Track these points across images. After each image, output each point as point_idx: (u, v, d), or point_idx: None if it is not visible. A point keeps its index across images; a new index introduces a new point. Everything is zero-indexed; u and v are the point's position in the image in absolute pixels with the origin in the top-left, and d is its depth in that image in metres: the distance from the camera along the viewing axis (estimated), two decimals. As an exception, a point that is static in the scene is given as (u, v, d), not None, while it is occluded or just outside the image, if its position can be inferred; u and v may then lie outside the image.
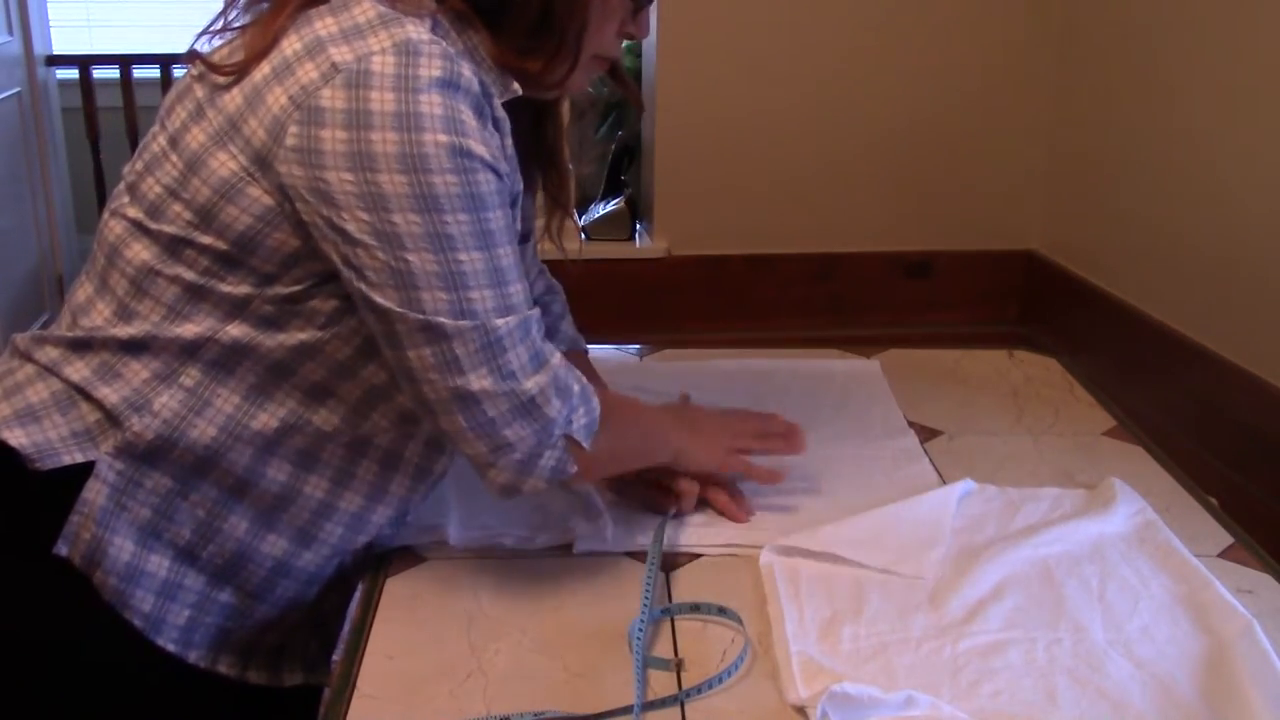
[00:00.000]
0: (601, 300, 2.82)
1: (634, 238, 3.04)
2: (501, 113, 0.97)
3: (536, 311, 0.97)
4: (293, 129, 0.90)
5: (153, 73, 3.40)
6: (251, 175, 0.92)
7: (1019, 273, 3.04)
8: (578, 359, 1.29)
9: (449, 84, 0.90)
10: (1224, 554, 1.11)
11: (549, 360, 0.97)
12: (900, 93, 2.90)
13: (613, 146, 3.31)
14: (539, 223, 1.20)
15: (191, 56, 0.99)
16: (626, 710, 0.88)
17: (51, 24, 3.60)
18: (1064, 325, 2.83)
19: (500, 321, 0.93)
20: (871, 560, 1.06)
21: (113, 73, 3.48)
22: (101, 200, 3.54)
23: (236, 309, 0.96)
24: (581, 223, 3.21)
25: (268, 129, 0.91)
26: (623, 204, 3.09)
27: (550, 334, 1.24)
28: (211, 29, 1.00)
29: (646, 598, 0.99)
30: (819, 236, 3.01)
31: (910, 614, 1.00)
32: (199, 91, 0.97)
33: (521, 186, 1.03)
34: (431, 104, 0.89)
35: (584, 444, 0.99)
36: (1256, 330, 2.08)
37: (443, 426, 0.96)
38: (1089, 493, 1.20)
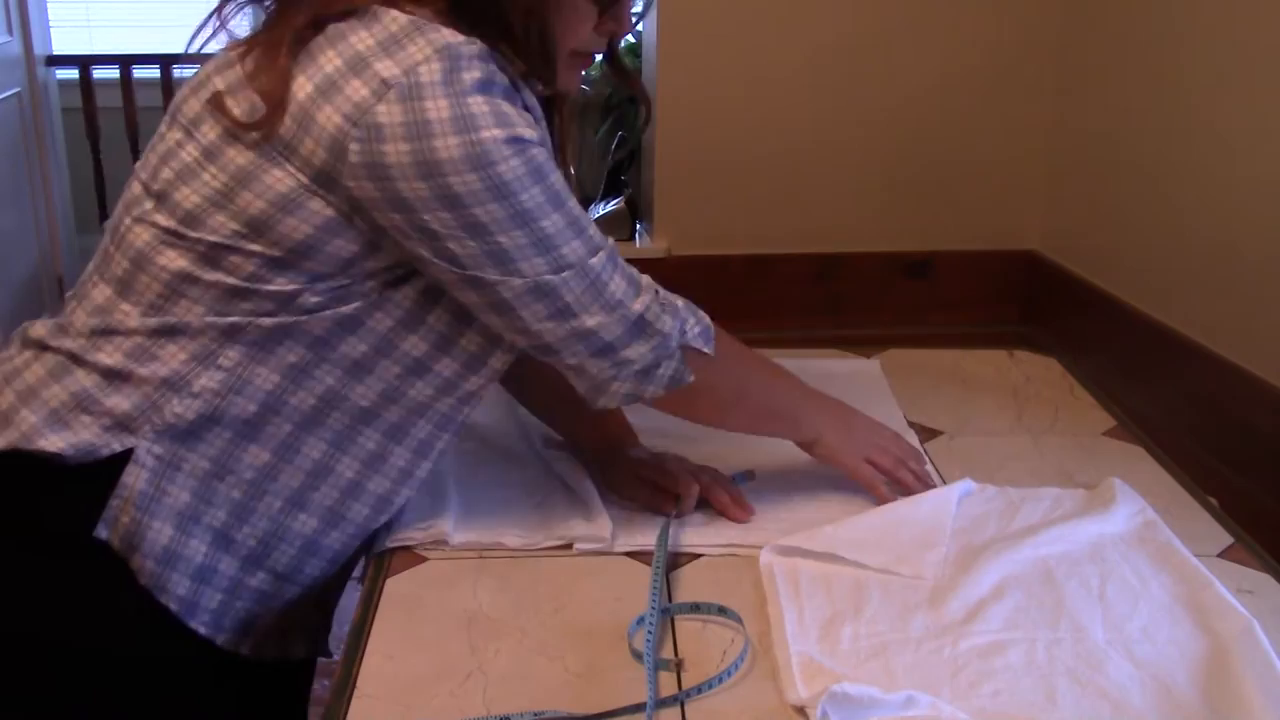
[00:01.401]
0: (601, 300, 2.81)
1: (634, 238, 3.04)
2: (533, 100, 1.01)
3: (613, 241, 1.03)
4: (354, 147, 0.92)
5: (153, 73, 3.40)
6: (313, 191, 0.95)
7: (1019, 273, 3.04)
8: None
9: (488, 84, 0.94)
10: (1224, 554, 1.11)
11: (641, 280, 1.04)
12: (901, 93, 2.90)
13: (613, 146, 3.31)
14: None
15: (214, 99, 0.97)
16: (630, 710, 0.88)
17: (51, 24, 3.60)
18: (1064, 325, 2.83)
19: (594, 260, 0.99)
20: (871, 560, 1.06)
21: (113, 73, 3.48)
22: (102, 200, 3.54)
23: (282, 305, 0.98)
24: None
25: (327, 149, 0.93)
26: (623, 204, 3.09)
27: None
28: (204, 30, 1.01)
29: (654, 600, 0.99)
30: (819, 236, 3.01)
31: (910, 614, 1.00)
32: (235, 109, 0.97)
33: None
34: (479, 104, 0.93)
35: (704, 349, 1.06)
36: (1256, 330, 2.08)
37: (566, 361, 1.03)
38: (1089, 493, 1.20)
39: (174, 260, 0.98)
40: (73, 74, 3.50)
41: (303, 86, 0.94)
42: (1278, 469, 1.95)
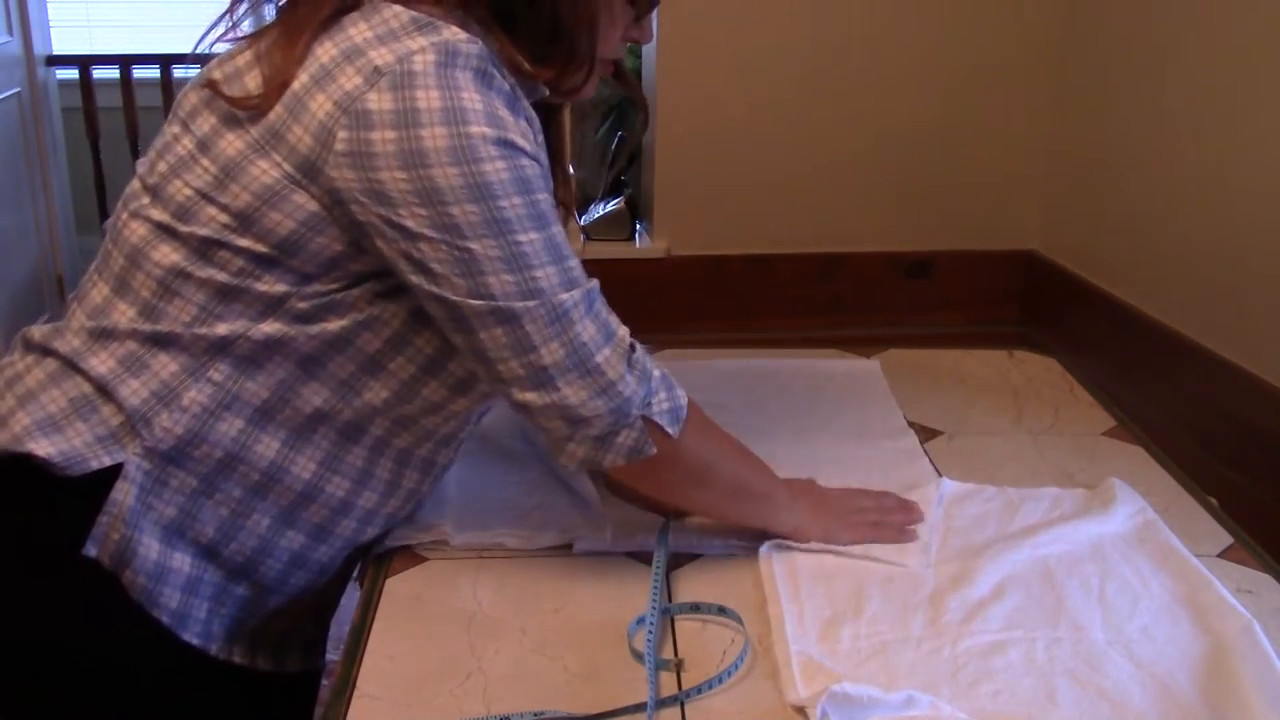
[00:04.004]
0: (601, 300, 2.80)
1: (634, 238, 3.04)
2: (531, 112, 0.99)
3: (596, 283, 0.98)
4: (341, 134, 0.91)
5: (153, 73, 3.40)
6: (297, 182, 0.93)
7: (1019, 273, 3.04)
8: None
9: (485, 82, 0.92)
10: (1224, 554, 1.11)
11: (617, 333, 0.98)
12: (900, 93, 2.90)
13: (613, 146, 3.30)
14: None
15: (209, 85, 0.98)
16: (630, 710, 0.88)
17: (51, 24, 3.60)
18: (1064, 325, 2.83)
19: (565, 295, 0.94)
20: (856, 549, 1.08)
21: (113, 73, 3.48)
22: (102, 200, 3.54)
23: (271, 307, 0.97)
24: (581, 223, 3.21)
25: (314, 135, 0.92)
26: (623, 204, 3.09)
27: None
28: (214, 31, 1.01)
29: (654, 600, 0.99)
30: (819, 236, 3.01)
31: (910, 614, 1.00)
32: None
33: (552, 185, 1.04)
34: (472, 100, 0.91)
35: (668, 430, 0.99)
36: (1256, 330, 2.08)
37: (520, 401, 0.97)
38: (1089, 493, 1.20)
39: (167, 255, 0.97)
40: (73, 74, 3.50)
41: (298, 77, 0.93)
42: (1278, 469, 1.95)
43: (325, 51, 0.93)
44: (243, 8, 1.00)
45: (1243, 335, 2.11)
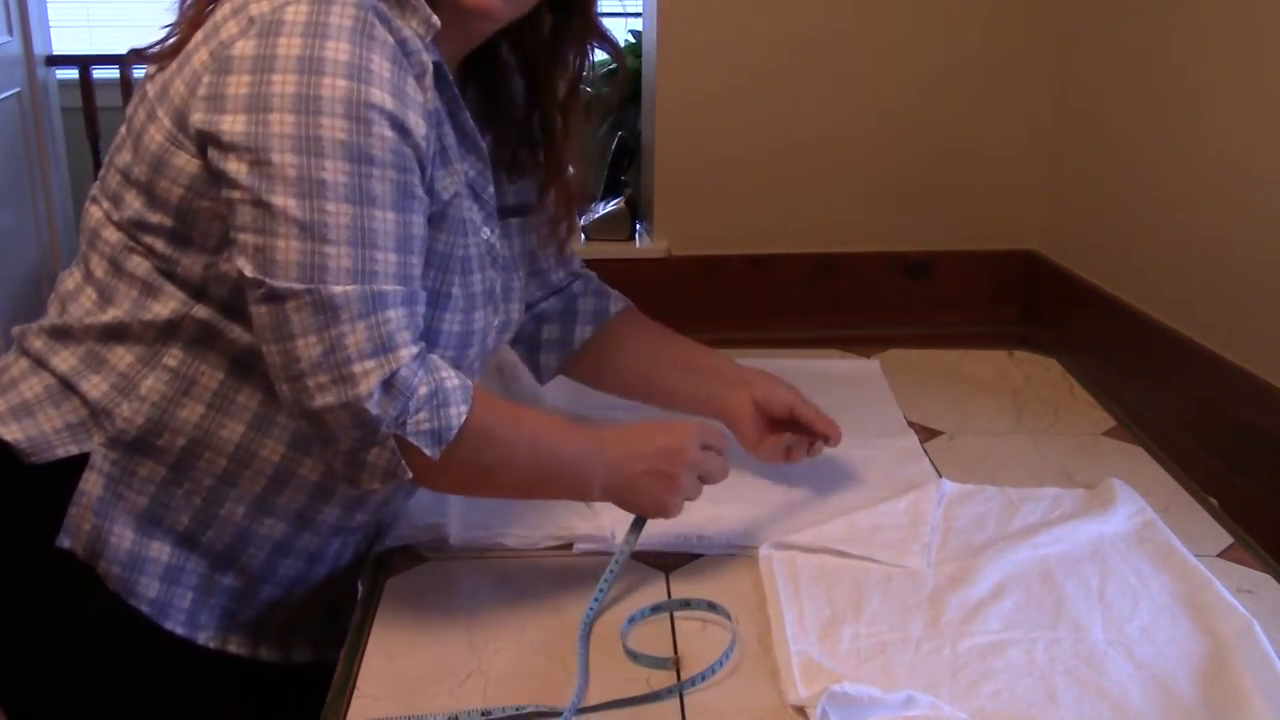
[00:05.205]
0: (601, 300, 2.80)
1: (634, 238, 3.04)
2: (428, 62, 0.93)
3: (399, 292, 0.89)
4: (206, 79, 0.89)
5: (153, 73, 3.41)
6: (177, 140, 0.92)
7: (1019, 273, 3.04)
8: (628, 315, 1.29)
9: (361, 32, 0.88)
10: (1224, 554, 1.11)
11: (396, 351, 0.88)
12: (901, 93, 2.90)
13: (613, 146, 3.30)
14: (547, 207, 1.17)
15: (133, 53, 0.99)
16: (625, 703, 0.88)
17: (51, 24, 3.60)
18: (1064, 325, 2.83)
19: (342, 288, 0.86)
20: (855, 550, 1.08)
21: (113, 73, 3.48)
22: (101, 200, 3.55)
23: (198, 291, 0.96)
24: (581, 223, 3.21)
25: (187, 83, 0.91)
26: (622, 204, 3.09)
27: (601, 296, 1.26)
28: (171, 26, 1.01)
29: (601, 591, 0.99)
30: (819, 236, 3.01)
31: (910, 614, 1.00)
32: (149, 70, 0.98)
33: (454, 143, 1.00)
34: (338, 50, 0.87)
35: (426, 451, 0.90)
36: (1256, 330, 2.08)
37: (279, 395, 0.90)
38: (1089, 493, 1.20)
39: (111, 235, 0.98)
40: (73, 74, 3.50)
41: (195, 38, 0.93)
42: (1278, 469, 1.95)
43: (220, 12, 0.92)
44: (189, 5, 1.00)
45: (1243, 335, 2.11)
